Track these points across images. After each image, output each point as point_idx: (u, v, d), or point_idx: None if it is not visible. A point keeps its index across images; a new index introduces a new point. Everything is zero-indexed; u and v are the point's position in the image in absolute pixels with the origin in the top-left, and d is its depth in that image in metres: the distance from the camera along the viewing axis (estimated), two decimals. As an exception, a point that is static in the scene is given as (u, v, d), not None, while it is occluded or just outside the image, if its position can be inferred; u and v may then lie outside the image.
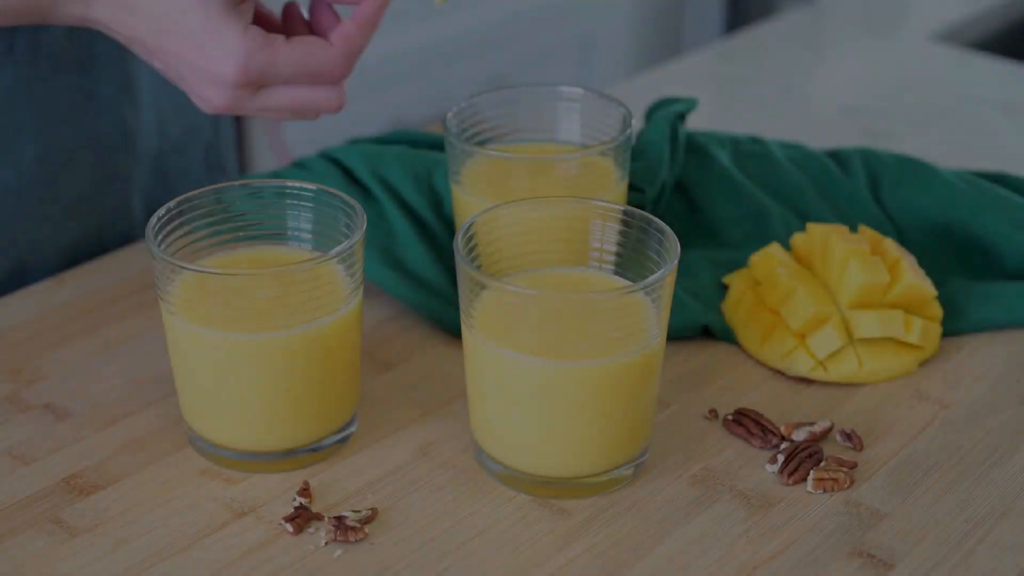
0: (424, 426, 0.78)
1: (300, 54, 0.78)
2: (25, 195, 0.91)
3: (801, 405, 0.80)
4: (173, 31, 0.77)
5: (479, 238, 0.73)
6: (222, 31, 0.76)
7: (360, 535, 0.69)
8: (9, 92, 0.88)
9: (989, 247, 0.92)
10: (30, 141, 0.90)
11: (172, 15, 0.76)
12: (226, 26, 0.76)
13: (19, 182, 0.90)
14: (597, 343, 0.69)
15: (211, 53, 0.76)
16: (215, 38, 0.76)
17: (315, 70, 0.79)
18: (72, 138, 0.92)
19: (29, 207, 0.91)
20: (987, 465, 0.75)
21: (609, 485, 0.73)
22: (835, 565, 0.68)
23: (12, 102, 0.88)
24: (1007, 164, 1.10)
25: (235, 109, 0.79)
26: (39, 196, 0.92)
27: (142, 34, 0.78)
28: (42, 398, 0.80)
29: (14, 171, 0.90)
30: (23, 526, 0.70)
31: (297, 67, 0.78)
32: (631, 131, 0.84)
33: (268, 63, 0.77)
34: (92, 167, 0.94)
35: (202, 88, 0.78)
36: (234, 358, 0.71)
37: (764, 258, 0.87)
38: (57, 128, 0.91)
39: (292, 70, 0.78)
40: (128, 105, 0.95)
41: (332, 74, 0.79)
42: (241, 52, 0.76)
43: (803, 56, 1.41)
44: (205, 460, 0.75)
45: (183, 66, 0.78)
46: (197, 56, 0.77)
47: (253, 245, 0.77)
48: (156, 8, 0.76)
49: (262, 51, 0.77)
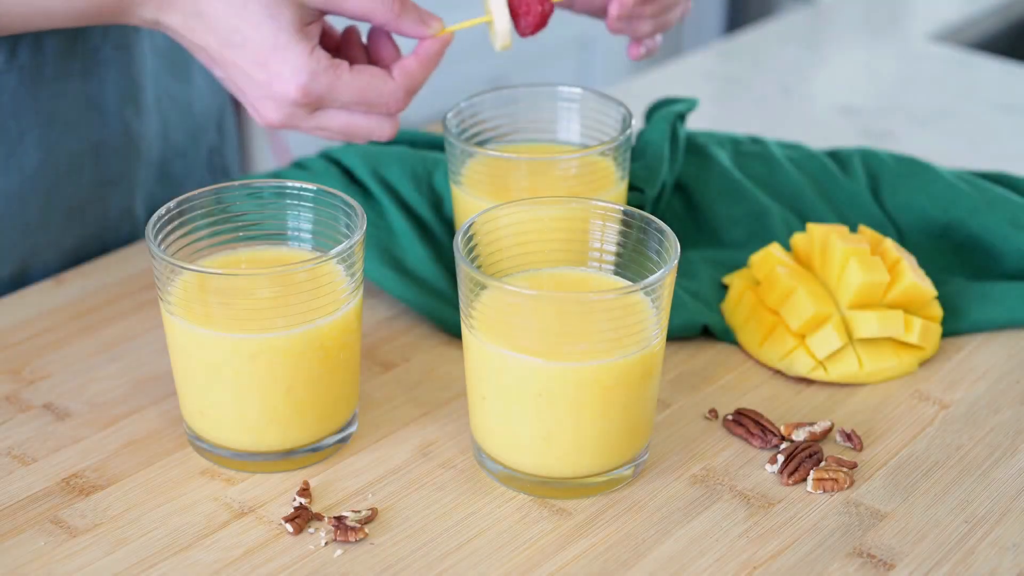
0: (424, 426, 0.78)
1: (361, 84, 0.79)
2: (28, 200, 0.91)
3: (801, 405, 0.80)
4: (241, 44, 0.78)
5: (479, 238, 0.74)
6: (290, 49, 0.77)
7: (360, 535, 0.69)
8: (13, 98, 0.88)
9: (989, 247, 0.92)
10: (34, 146, 0.90)
11: (243, 29, 0.77)
12: (294, 44, 0.77)
13: (22, 187, 0.90)
14: (597, 343, 0.69)
15: (276, 70, 0.77)
16: (282, 55, 0.77)
17: (374, 100, 0.80)
18: (76, 143, 0.92)
19: (32, 212, 0.92)
20: (987, 465, 0.75)
21: (609, 485, 0.73)
22: (835, 565, 0.68)
23: (16, 108, 0.88)
24: (1006, 164, 1.10)
25: (288, 125, 0.80)
26: (42, 201, 0.92)
27: (210, 43, 0.79)
28: (42, 398, 0.80)
29: (17, 176, 0.90)
30: (23, 526, 0.70)
31: (357, 95, 0.79)
32: (631, 131, 0.85)
33: (330, 87, 0.78)
34: (95, 172, 0.94)
35: (260, 102, 0.79)
36: (234, 358, 0.72)
37: (764, 258, 0.87)
38: (61, 134, 0.91)
39: (351, 97, 0.79)
40: (132, 111, 0.95)
41: (389, 106, 0.81)
42: (305, 73, 0.77)
43: (802, 56, 1.41)
44: (205, 460, 0.75)
45: (244, 79, 0.79)
46: (261, 71, 0.78)
47: (253, 245, 0.77)
48: (227, 20, 0.77)
49: (325, 74, 0.78)
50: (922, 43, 1.44)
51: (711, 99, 1.27)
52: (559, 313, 0.70)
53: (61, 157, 0.92)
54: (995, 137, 1.22)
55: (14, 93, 0.88)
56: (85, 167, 0.94)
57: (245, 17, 0.77)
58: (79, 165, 0.93)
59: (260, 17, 0.77)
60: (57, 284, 0.92)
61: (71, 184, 0.93)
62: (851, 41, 1.47)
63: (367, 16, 0.80)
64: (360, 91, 0.79)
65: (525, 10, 0.82)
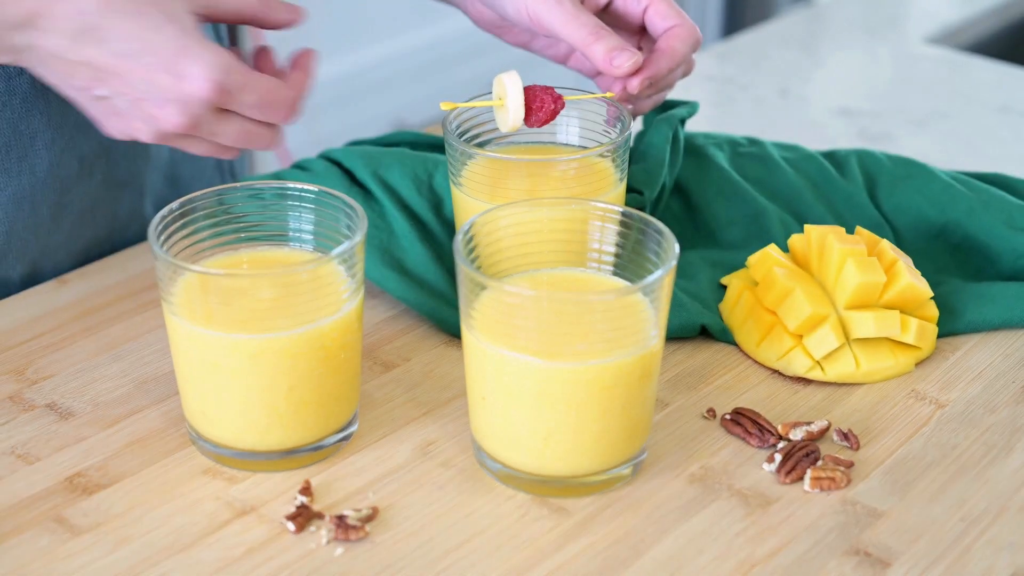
0: (424, 426, 0.78)
1: (268, 84, 0.77)
2: (40, 202, 0.92)
3: (798, 405, 0.81)
4: (139, 52, 0.75)
5: (479, 239, 0.74)
6: (200, 48, 0.75)
7: (361, 534, 0.70)
8: (24, 101, 0.89)
9: (985, 248, 0.92)
10: (45, 149, 0.90)
11: (143, 35, 0.74)
12: (202, 44, 0.75)
13: (34, 189, 0.91)
14: (596, 343, 0.70)
15: (185, 70, 0.75)
16: (192, 56, 0.75)
17: (276, 103, 0.78)
18: (87, 146, 0.93)
19: (44, 213, 0.92)
20: (983, 464, 0.76)
21: (608, 484, 0.73)
22: (832, 563, 0.69)
23: (28, 111, 0.89)
24: (1003, 165, 1.11)
25: (188, 130, 0.77)
26: (53, 202, 0.92)
27: (98, 58, 0.75)
28: (45, 398, 0.80)
29: (29, 178, 0.91)
30: (26, 525, 0.71)
31: (263, 95, 0.77)
32: (629, 133, 0.85)
33: (242, 84, 0.76)
34: (105, 174, 0.95)
35: (161, 108, 0.76)
36: (236, 358, 0.72)
37: (762, 259, 0.87)
38: (72, 137, 0.92)
39: (258, 97, 0.77)
40: None
41: (284, 114, 0.78)
42: (219, 69, 0.75)
43: (800, 58, 1.41)
44: (207, 459, 0.76)
45: (144, 87, 0.76)
46: (166, 75, 0.75)
47: (255, 246, 0.78)
48: (124, 29, 0.74)
49: (239, 70, 0.76)
50: (919, 45, 1.44)
51: (709, 101, 1.28)
52: (558, 313, 0.70)
53: (72, 160, 0.92)
54: (991, 139, 1.22)
55: (26, 96, 0.89)
56: (96, 169, 0.94)
57: (144, 24, 0.74)
58: (90, 167, 0.94)
59: (159, 22, 0.75)
60: (60, 285, 0.92)
61: (82, 186, 0.94)
62: (848, 43, 1.47)
63: (239, 12, 0.79)
64: (267, 91, 0.77)
65: (538, 105, 0.84)
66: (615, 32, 0.88)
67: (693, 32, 0.90)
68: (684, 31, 0.89)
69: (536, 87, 0.85)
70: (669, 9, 0.90)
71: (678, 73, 0.92)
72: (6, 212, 0.90)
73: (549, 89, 0.85)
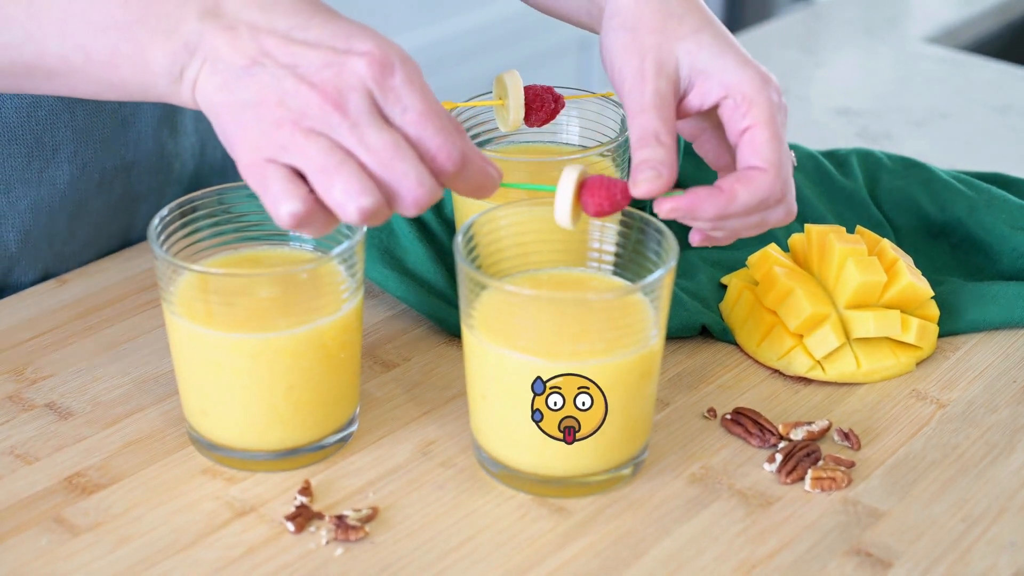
0: (424, 426, 0.78)
1: (439, 108, 0.66)
2: (58, 212, 0.92)
3: (799, 404, 0.81)
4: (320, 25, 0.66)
5: (479, 239, 0.74)
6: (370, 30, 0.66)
7: (361, 534, 0.70)
8: (50, 113, 0.89)
9: (985, 248, 0.92)
10: (67, 161, 0.91)
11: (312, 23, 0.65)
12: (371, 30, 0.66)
13: (53, 200, 0.91)
14: (596, 343, 0.70)
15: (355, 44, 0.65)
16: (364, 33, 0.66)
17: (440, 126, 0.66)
18: (109, 161, 0.93)
19: (61, 224, 0.92)
20: (984, 464, 0.76)
21: (608, 484, 0.73)
22: (833, 563, 0.69)
23: (52, 122, 0.89)
24: (1003, 165, 1.11)
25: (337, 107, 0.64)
26: (71, 214, 0.93)
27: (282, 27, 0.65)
28: (45, 397, 0.80)
29: (49, 189, 0.91)
30: (26, 525, 0.71)
31: (428, 104, 0.65)
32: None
33: (409, 77, 0.65)
34: (125, 188, 0.95)
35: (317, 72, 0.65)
36: (235, 358, 0.72)
37: (762, 258, 0.87)
38: (95, 151, 0.92)
39: (423, 103, 0.65)
40: (168, 133, 0.96)
41: (450, 150, 0.66)
42: (392, 48, 0.65)
43: (800, 58, 1.41)
44: (207, 459, 0.75)
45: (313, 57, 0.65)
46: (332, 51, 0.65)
47: (255, 246, 0.77)
48: None
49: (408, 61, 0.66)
50: (919, 45, 1.44)
51: (709, 100, 1.27)
52: (558, 313, 0.70)
53: (93, 173, 0.93)
54: (991, 138, 1.22)
55: (51, 108, 0.89)
56: (116, 183, 0.94)
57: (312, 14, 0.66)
58: (110, 181, 0.94)
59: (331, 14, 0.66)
60: (59, 284, 0.92)
61: (101, 199, 0.94)
62: (848, 43, 1.47)
63: None
64: (433, 102, 0.66)
65: (539, 105, 0.85)
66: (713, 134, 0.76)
67: (772, 185, 0.71)
68: (761, 178, 0.71)
69: (536, 87, 0.85)
70: (765, 145, 0.72)
71: (736, 224, 0.73)
72: (23, 220, 0.91)
73: (549, 89, 0.85)
